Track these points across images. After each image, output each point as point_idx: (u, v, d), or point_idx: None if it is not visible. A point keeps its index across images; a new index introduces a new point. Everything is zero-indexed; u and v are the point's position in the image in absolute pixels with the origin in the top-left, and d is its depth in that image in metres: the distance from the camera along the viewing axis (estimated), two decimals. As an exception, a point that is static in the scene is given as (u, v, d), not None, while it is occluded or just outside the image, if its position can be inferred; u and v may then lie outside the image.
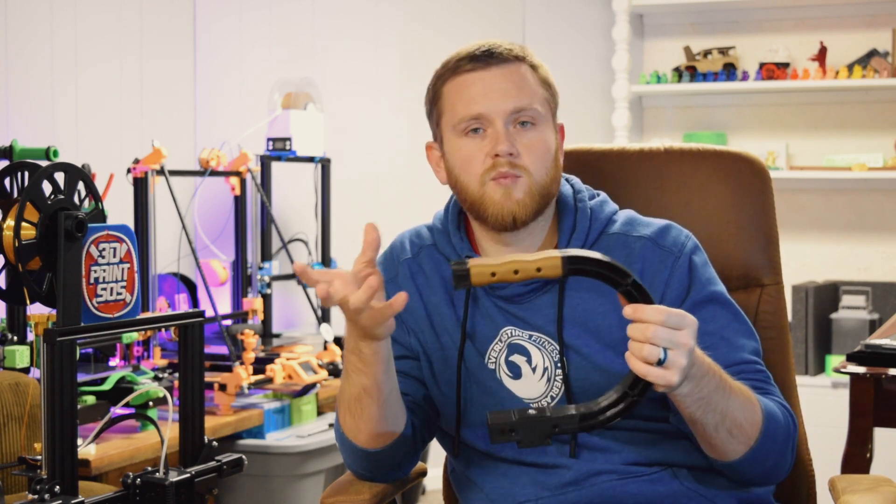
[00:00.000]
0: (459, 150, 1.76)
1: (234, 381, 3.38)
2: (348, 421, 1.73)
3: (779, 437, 1.68)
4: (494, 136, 1.73)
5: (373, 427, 1.71)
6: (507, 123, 1.73)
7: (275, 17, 4.74)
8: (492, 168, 1.73)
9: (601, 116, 4.49)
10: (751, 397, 1.65)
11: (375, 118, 4.64)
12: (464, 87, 1.76)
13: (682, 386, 1.52)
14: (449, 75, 1.78)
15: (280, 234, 3.93)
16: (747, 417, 1.63)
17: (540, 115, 1.76)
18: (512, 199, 1.72)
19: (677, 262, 1.76)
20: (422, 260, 1.85)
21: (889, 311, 4.13)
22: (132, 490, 1.80)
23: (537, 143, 1.75)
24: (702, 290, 1.76)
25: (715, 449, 1.66)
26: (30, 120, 3.87)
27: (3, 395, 2.35)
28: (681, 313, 1.48)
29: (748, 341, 1.77)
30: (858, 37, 4.29)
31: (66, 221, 1.73)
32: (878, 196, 4.30)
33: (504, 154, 1.72)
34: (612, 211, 1.83)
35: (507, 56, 1.76)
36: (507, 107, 1.73)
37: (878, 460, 2.41)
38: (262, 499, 3.49)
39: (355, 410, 1.71)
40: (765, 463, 1.68)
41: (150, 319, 1.95)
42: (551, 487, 1.75)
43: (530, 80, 1.77)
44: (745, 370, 1.73)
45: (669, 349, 1.46)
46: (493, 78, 1.75)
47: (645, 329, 1.46)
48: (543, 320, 1.76)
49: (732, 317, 1.77)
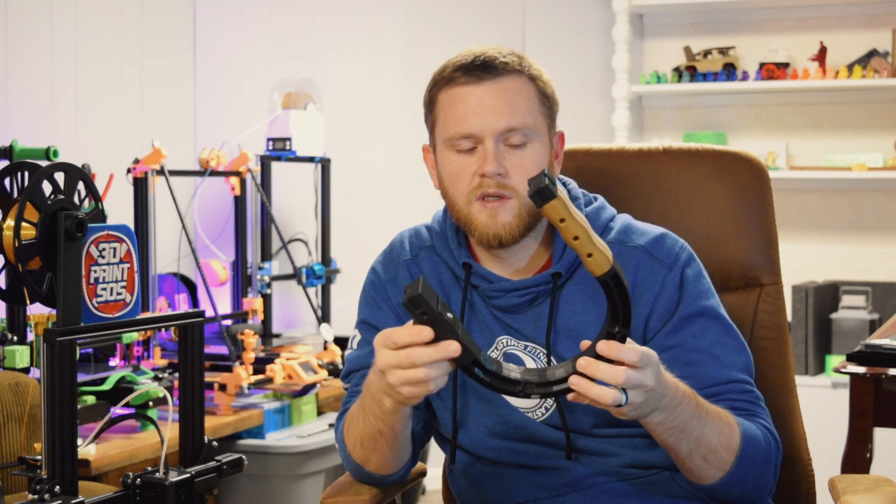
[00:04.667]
0: (449, 163, 1.74)
1: (234, 381, 3.38)
2: (358, 449, 1.74)
3: (758, 460, 1.67)
4: (483, 155, 1.70)
5: (383, 461, 1.73)
6: (498, 142, 1.70)
7: (275, 17, 4.75)
8: (478, 187, 1.70)
9: (601, 116, 4.49)
10: (729, 422, 1.64)
11: (375, 118, 4.65)
12: (456, 100, 1.72)
13: (652, 416, 1.53)
14: (443, 84, 1.74)
15: (280, 234, 3.93)
16: (723, 443, 1.62)
17: (532, 132, 1.72)
18: (498, 222, 1.70)
19: (669, 274, 1.74)
20: (421, 262, 1.85)
21: (889, 311, 4.13)
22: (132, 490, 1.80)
23: (527, 162, 1.71)
24: (691, 305, 1.74)
25: (690, 473, 1.65)
26: (30, 120, 3.87)
27: (3, 395, 2.35)
28: (644, 351, 1.48)
29: (738, 358, 1.74)
30: (858, 37, 4.28)
31: (66, 221, 1.73)
32: (878, 196, 4.30)
33: (492, 175, 1.69)
34: (608, 217, 1.81)
35: (504, 69, 1.72)
36: (497, 126, 1.70)
37: (878, 460, 2.41)
38: (262, 499, 3.49)
39: (367, 445, 1.71)
40: (743, 486, 1.67)
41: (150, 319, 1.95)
42: (549, 489, 1.75)
43: (526, 94, 1.73)
44: (731, 390, 1.71)
45: (631, 391, 1.47)
46: (486, 94, 1.70)
47: (617, 374, 1.44)
48: (537, 331, 1.76)
49: (723, 332, 1.75)
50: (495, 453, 1.78)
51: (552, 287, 1.75)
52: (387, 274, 1.86)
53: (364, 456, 1.74)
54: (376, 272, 1.88)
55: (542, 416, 1.76)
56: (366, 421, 1.67)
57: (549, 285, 1.75)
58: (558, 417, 1.74)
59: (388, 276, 1.85)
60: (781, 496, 1.91)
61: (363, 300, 1.88)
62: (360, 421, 1.69)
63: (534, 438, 1.75)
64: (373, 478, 1.77)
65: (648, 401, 1.49)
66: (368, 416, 1.66)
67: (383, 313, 1.84)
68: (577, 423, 1.74)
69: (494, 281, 1.76)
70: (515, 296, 1.75)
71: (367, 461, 1.74)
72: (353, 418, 1.72)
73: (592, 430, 1.74)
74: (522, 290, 1.75)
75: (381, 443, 1.69)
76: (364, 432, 1.69)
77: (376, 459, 1.73)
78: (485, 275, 1.77)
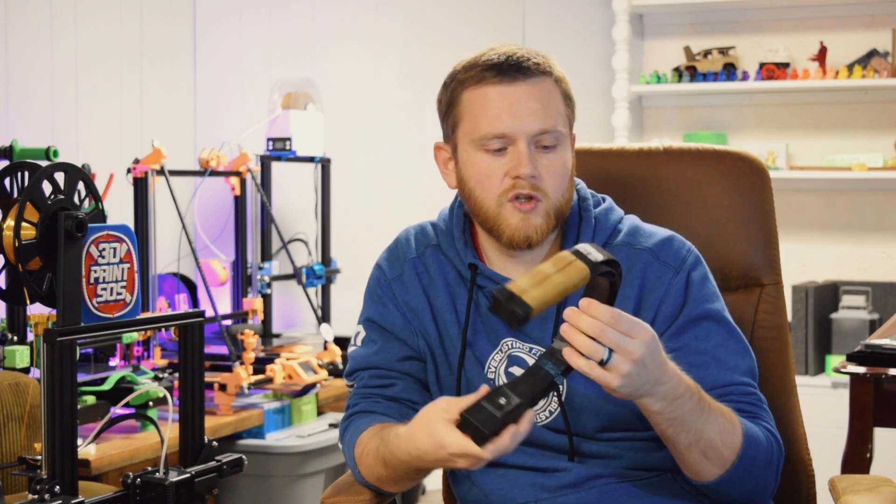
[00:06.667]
0: (477, 164, 1.72)
1: (234, 381, 3.38)
2: (373, 480, 1.74)
3: (759, 461, 1.66)
4: (517, 157, 1.69)
5: (399, 488, 1.75)
6: (530, 144, 1.70)
7: (275, 17, 4.74)
8: (511, 188, 1.70)
9: (601, 116, 4.49)
10: (732, 420, 1.64)
11: (375, 118, 4.64)
12: (488, 100, 1.71)
13: (649, 401, 1.53)
14: (471, 83, 1.72)
15: (280, 234, 3.93)
16: (724, 441, 1.62)
17: (561, 135, 1.72)
18: (530, 224, 1.70)
19: (675, 277, 1.74)
20: (427, 260, 1.84)
21: (889, 311, 4.13)
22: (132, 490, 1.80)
23: (558, 165, 1.72)
24: (695, 308, 1.73)
25: (688, 468, 1.65)
26: (30, 120, 3.87)
27: (3, 395, 2.35)
28: (637, 322, 1.48)
29: (742, 361, 1.74)
30: (858, 37, 4.28)
31: (66, 221, 1.73)
32: (878, 196, 4.30)
33: (526, 177, 1.69)
34: (616, 219, 1.81)
35: (536, 69, 1.71)
36: (532, 128, 1.69)
37: (878, 460, 2.41)
38: (262, 499, 3.49)
39: (386, 483, 1.73)
40: (743, 486, 1.66)
41: (150, 319, 1.95)
42: (550, 489, 1.74)
43: (555, 96, 1.73)
44: (734, 392, 1.71)
45: (615, 352, 1.46)
46: (520, 95, 1.70)
47: (594, 325, 1.45)
48: (542, 333, 1.75)
49: (727, 335, 1.74)
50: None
51: None
52: (392, 271, 1.85)
53: (378, 484, 1.75)
54: (381, 269, 1.87)
55: (545, 419, 1.76)
56: (395, 469, 1.68)
57: None
58: (562, 421, 1.74)
59: (394, 273, 1.85)
60: (781, 496, 1.91)
61: (368, 297, 1.87)
62: (379, 468, 1.70)
63: (536, 442, 1.75)
64: (381, 491, 1.78)
65: (639, 375, 1.48)
66: (395, 471, 1.68)
67: (389, 311, 1.83)
68: (581, 427, 1.74)
69: (500, 282, 1.76)
70: None
71: (383, 483, 1.75)
72: (371, 459, 1.72)
73: (596, 434, 1.74)
74: None
75: (404, 483, 1.72)
76: (383, 475, 1.71)
77: (391, 487, 1.75)
78: (490, 276, 1.77)
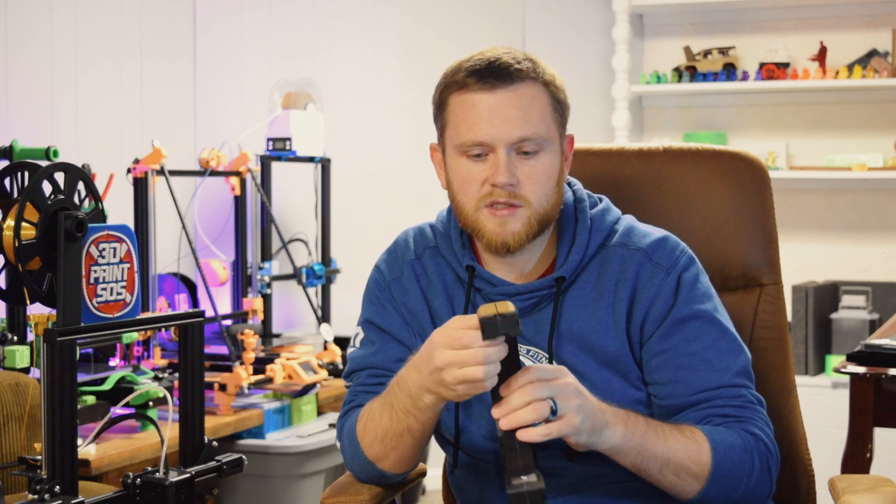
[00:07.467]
0: (459, 169, 1.73)
1: (234, 381, 3.38)
2: (376, 447, 1.73)
3: (738, 470, 1.66)
4: (495, 164, 1.69)
5: (401, 459, 1.73)
6: (510, 151, 1.69)
7: (275, 17, 4.74)
8: (489, 195, 1.69)
9: (601, 116, 4.49)
10: (693, 436, 1.65)
11: (375, 118, 4.64)
12: (469, 106, 1.70)
13: (611, 436, 1.57)
14: (455, 88, 1.72)
15: (280, 234, 3.93)
16: (692, 457, 1.63)
17: (544, 141, 1.71)
18: (507, 230, 1.70)
19: (666, 279, 1.74)
20: (425, 262, 1.84)
21: (889, 311, 4.13)
22: (132, 490, 1.80)
23: (539, 171, 1.70)
24: (684, 309, 1.73)
25: (670, 490, 1.66)
26: (30, 120, 3.87)
27: (3, 395, 2.35)
28: (548, 366, 1.52)
29: (735, 361, 1.73)
30: (858, 37, 4.28)
31: (66, 221, 1.73)
32: (878, 196, 4.30)
33: (503, 185, 1.68)
34: (613, 220, 1.80)
35: (518, 76, 1.69)
36: (511, 136, 1.68)
37: (878, 460, 2.41)
38: (262, 499, 3.49)
39: (390, 443, 1.71)
40: (731, 494, 1.67)
41: (150, 319, 1.95)
42: (549, 489, 1.74)
43: (539, 101, 1.71)
44: (721, 396, 1.71)
45: (556, 398, 1.49)
46: (500, 102, 1.68)
47: (523, 392, 1.48)
48: (539, 335, 1.75)
49: (719, 334, 1.73)
50: (496, 456, 1.77)
51: (555, 291, 1.74)
52: (391, 273, 1.85)
53: (381, 453, 1.73)
54: (380, 270, 1.87)
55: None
56: (393, 418, 1.67)
57: (553, 289, 1.75)
58: None
59: (393, 275, 1.85)
60: (781, 496, 1.91)
61: (367, 298, 1.88)
62: (384, 418, 1.69)
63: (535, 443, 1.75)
64: (381, 476, 1.77)
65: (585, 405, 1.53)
66: (397, 413, 1.66)
67: (387, 313, 1.84)
68: None
69: (498, 284, 1.76)
70: (518, 300, 1.75)
71: (383, 459, 1.73)
72: (375, 415, 1.71)
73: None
74: (526, 294, 1.75)
75: (406, 439, 1.69)
76: (389, 429, 1.69)
77: (395, 457, 1.73)
78: (488, 278, 1.77)
